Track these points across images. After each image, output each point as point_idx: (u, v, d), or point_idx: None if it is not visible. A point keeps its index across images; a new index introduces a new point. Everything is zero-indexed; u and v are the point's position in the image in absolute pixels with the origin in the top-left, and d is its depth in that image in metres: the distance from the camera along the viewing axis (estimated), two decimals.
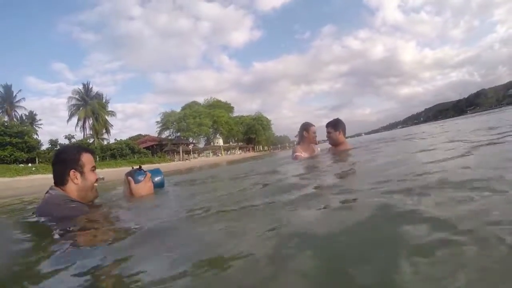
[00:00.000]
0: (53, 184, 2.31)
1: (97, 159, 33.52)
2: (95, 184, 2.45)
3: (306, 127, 5.26)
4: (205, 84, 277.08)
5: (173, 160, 53.62)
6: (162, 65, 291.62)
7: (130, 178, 2.69)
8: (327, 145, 5.46)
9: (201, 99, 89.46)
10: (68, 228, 1.81)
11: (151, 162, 45.55)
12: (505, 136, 3.54)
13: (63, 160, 2.35)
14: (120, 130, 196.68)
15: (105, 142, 53.51)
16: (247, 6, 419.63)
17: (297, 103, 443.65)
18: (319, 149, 5.44)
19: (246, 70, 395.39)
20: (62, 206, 2.12)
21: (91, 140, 52.43)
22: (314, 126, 5.36)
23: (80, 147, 2.52)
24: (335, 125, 5.19)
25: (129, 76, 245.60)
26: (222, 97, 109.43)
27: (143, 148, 54.18)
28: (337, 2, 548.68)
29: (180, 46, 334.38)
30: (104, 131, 57.00)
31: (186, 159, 56.11)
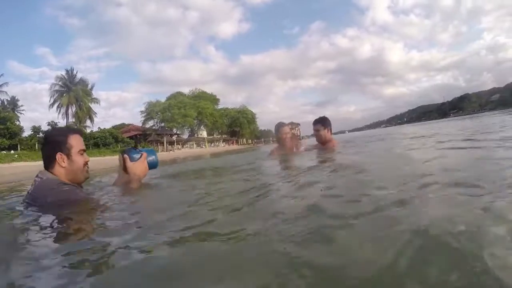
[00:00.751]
0: (43, 168, 2.32)
1: None
2: (86, 167, 2.44)
3: (276, 128, 5.32)
4: (191, 74, 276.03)
5: (157, 151, 53.60)
6: (148, 54, 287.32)
7: (126, 155, 2.70)
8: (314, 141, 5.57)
9: (186, 90, 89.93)
10: (63, 215, 1.87)
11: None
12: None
13: (51, 142, 2.35)
14: (103, 118, 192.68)
15: (88, 130, 53.13)
16: None
17: (283, 97, 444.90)
18: (302, 148, 5.40)
19: (232, 63, 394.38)
20: (56, 190, 2.12)
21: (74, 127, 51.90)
22: (285, 126, 5.38)
23: (69, 129, 2.54)
24: (324, 122, 5.25)
25: (114, 63, 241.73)
26: (208, 89, 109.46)
27: (127, 137, 53.99)
28: None
29: (167, 35, 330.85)
30: (87, 119, 56.98)
31: (170, 150, 56.35)
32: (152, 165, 2.82)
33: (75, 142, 2.36)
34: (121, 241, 1.24)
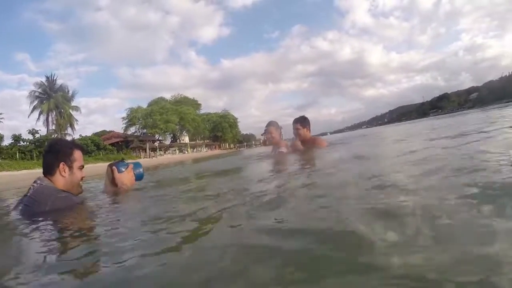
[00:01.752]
0: (42, 175, 2.47)
1: None
2: (81, 182, 2.66)
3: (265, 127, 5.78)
4: (172, 79, 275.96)
5: (139, 157, 53.83)
6: (128, 59, 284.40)
7: (114, 167, 2.92)
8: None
9: (167, 95, 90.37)
10: (62, 219, 2.03)
11: (117, 159, 44.82)
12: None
13: (56, 150, 2.52)
14: (83, 125, 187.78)
15: (69, 138, 52.67)
16: (217, 1, 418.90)
17: (263, 101, 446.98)
18: (284, 150, 5.50)
19: (213, 67, 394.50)
20: (55, 196, 2.26)
21: (55, 136, 51.54)
22: (267, 127, 5.77)
23: (74, 143, 2.71)
24: (303, 122, 5.57)
25: (93, 69, 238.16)
26: (189, 94, 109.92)
27: (108, 144, 54.03)
28: (308, 2, 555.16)
29: (148, 40, 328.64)
30: (68, 126, 56.75)
31: (153, 156, 56.71)
32: (139, 177, 3.10)
33: (78, 157, 2.60)
34: (111, 246, 1.33)
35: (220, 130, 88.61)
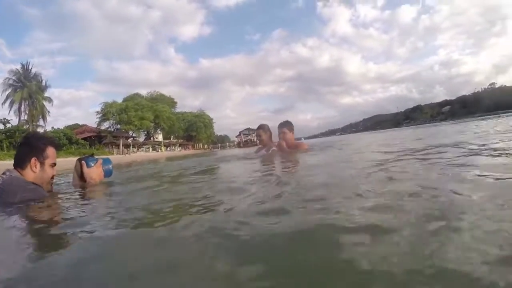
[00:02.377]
0: (13, 166, 2.50)
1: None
2: (52, 180, 2.70)
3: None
4: (148, 76, 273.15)
5: (112, 154, 53.65)
6: (106, 51, 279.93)
7: (83, 162, 2.99)
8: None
9: (143, 91, 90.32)
10: (29, 211, 2.04)
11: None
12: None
13: (30, 144, 2.56)
14: (55, 117, 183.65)
15: (41, 130, 52.15)
16: (201, 0, 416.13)
17: (240, 103, 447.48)
18: (275, 149, 5.92)
19: (191, 66, 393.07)
20: (24, 187, 2.31)
21: (26, 127, 50.67)
22: (257, 130, 6.29)
23: (50, 140, 2.73)
24: (290, 126, 5.96)
25: (69, 59, 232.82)
26: (165, 91, 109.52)
27: (81, 139, 53.37)
28: (292, 8, 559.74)
29: (127, 33, 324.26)
30: (40, 117, 55.78)
31: (126, 153, 56.58)
32: (108, 173, 3.17)
33: (51, 154, 2.64)
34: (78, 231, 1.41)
35: (194, 129, 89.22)
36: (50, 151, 2.64)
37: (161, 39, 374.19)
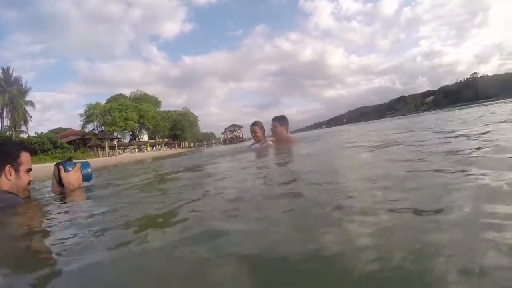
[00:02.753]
0: None
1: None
2: (29, 186, 2.60)
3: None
4: (131, 75, 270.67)
5: (98, 156, 53.44)
6: (87, 51, 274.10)
7: (61, 166, 2.89)
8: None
9: (126, 91, 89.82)
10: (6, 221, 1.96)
11: (76, 158, 42.55)
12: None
13: (3, 152, 2.46)
14: (38, 122, 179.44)
15: (25, 135, 51.64)
16: None
17: (224, 100, 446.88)
18: (267, 143, 6.12)
19: (174, 64, 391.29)
20: (0, 197, 2.23)
21: (9, 133, 50.08)
22: (252, 126, 6.46)
23: (23, 145, 2.64)
24: (281, 120, 6.21)
25: (50, 61, 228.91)
26: (148, 90, 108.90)
27: (66, 142, 52.94)
28: (274, 2, 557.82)
29: (108, 33, 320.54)
30: (22, 123, 55.17)
31: (112, 155, 56.43)
32: (87, 177, 3.09)
33: (26, 160, 2.55)
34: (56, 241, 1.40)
35: (180, 128, 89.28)
36: (24, 156, 2.55)
37: (143, 37, 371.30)
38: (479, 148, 2.54)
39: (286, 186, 2.07)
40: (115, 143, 66.09)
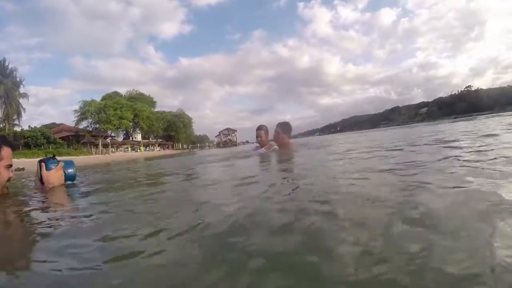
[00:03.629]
0: None
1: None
2: (7, 183, 2.54)
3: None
4: (127, 74, 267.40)
5: (91, 153, 53.26)
6: (84, 48, 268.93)
7: (43, 164, 2.81)
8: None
9: (122, 90, 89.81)
10: None
11: (69, 155, 44.17)
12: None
13: None
14: (31, 116, 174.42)
15: (18, 129, 51.34)
16: None
17: (219, 103, 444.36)
18: (276, 147, 6.20)
19: (171, 65, 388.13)
20: None
21: (3, 125, 49.62)
22: (258, 131, 6.75)
23: (4, 140, 2.55)
24: (284, 127, 6.52)
25: (46, 56, 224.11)
26: (144, 90, 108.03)
27: (59, 138, 52.74)
28: (273, 8, 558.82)
29: (106, 30, 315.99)
30: (16, 115, 54.73)
31: (105, 153, 56.15)
32: (70, 178, 3.01)
33: (6, 155, 2.46)
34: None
35: (174, 129, 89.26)
36: (6, 151, 2.46)
37: (141, 37, 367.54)
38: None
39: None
40: (109, 141, 65.83)
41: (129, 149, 70.44)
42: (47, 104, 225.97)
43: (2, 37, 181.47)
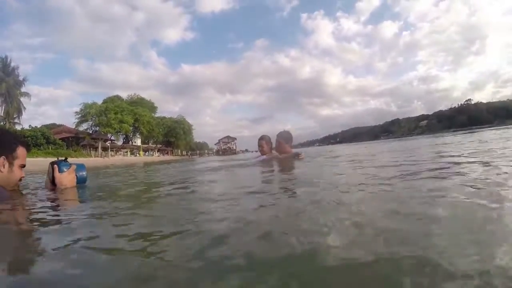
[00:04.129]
0: None
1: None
2: (19, 182, 2.57)
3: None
4: (129, 78, 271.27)
5: (90, 156, 53.13)
6: (88, 50, 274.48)
7: (56, 166, 2.86)
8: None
9: (123, 94, 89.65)
10: None
11: (70, 156, 42.58)
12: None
13: (0, 142, 2.44)
14: (31, 115, 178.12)
15: (19, 127, 51.10)
16: (186, 4, 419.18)
17: (220, 111, 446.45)
18: (278, 155, 6.59)
19: (173, 71, 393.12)
20: None
21: (3, 123, 49.57)
22: (260, 140, 6.95)
23: (19, 139, 2.61)
24: (286, 137, 6.66)
25: (49, 56, 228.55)
26: (145, 95, 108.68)
27: (59, 139, 52.52)
28: (276, 18, 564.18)
29: (110, 33, 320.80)
30: (16, 114, 54.68)
31: (104, 156, 56.03)
32: (81, 180, 3.03)
33: (21, 155, 2.52)
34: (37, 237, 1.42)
35: (174, 135, 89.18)
36: (21, 151, 2.52)
37: (144, 41, 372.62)
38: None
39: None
40: (108, 144, 65.70)
41: (129, 153, 70.32)
42: (48, 104, 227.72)
43: (6, 35, 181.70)
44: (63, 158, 2.99)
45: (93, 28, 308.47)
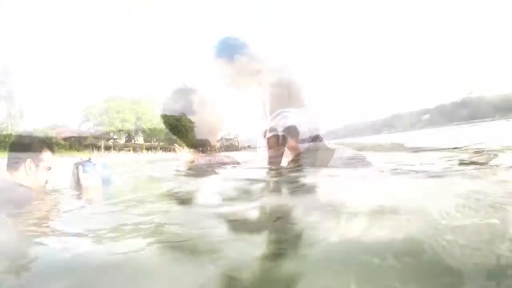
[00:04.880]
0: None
1: None
2: (46, 185, 2.58)
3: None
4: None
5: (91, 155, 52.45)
6: None
7: (80, 166, 2.81)
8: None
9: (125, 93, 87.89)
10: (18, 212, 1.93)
11: (72, 156, 42.26)
12: None
13: (26, 146, 2.46)
14: (33, 116, 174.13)
15: (21, 129, 50.72)
16: None
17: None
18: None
19: None
20: (11, 189, 2.23)
21: (5, 125, 49.36)
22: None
23: (46, 143, 2.62)
24: (292, 132, 7.73)
25: None
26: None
27: (61, 139, 52.38)
28: None
29: None
30: (18, 116, 54.70)
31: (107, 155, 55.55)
32: (106, 180, 2.98)
33: (47, 157, 2.51)
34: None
35: (176, 133, 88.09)
36: (47, 154, 2.48)
37: None
38: None
39: None
40: (111, 143, 65.29)
41: (131, 151, 69.89)
42: (48, 104, 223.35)
43: None
44: (87, 159, 2.85)
45: None
